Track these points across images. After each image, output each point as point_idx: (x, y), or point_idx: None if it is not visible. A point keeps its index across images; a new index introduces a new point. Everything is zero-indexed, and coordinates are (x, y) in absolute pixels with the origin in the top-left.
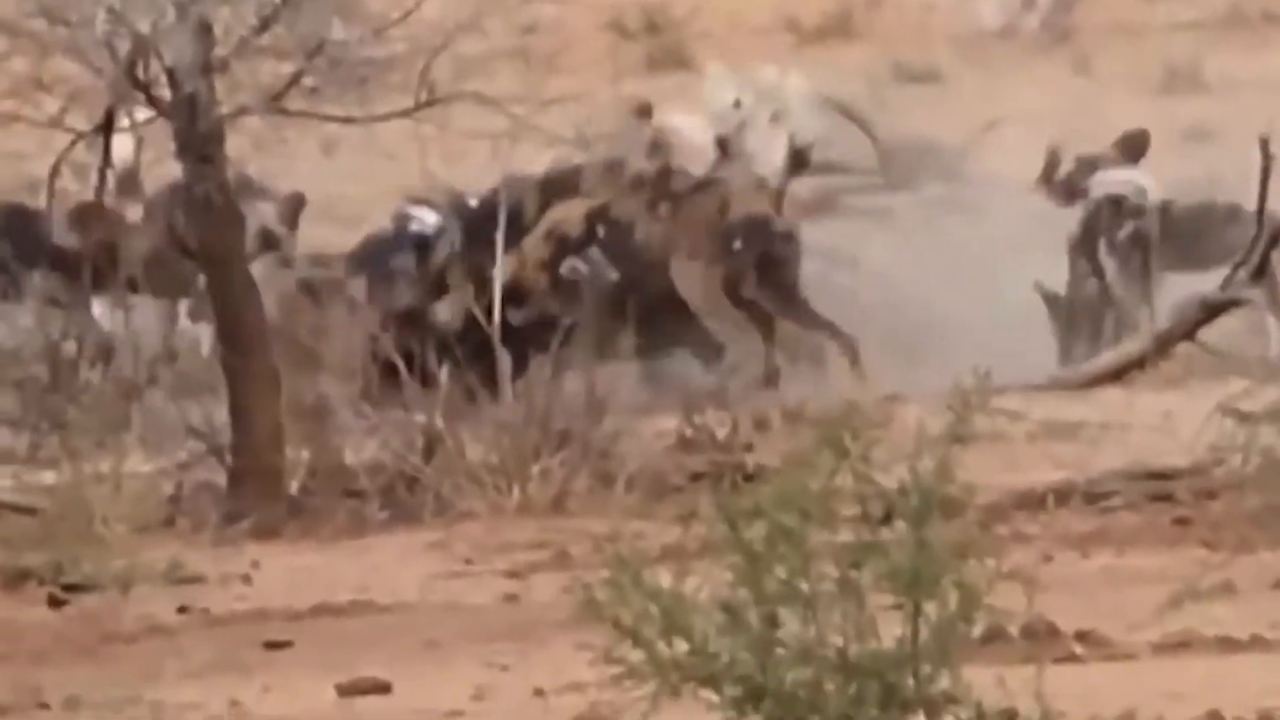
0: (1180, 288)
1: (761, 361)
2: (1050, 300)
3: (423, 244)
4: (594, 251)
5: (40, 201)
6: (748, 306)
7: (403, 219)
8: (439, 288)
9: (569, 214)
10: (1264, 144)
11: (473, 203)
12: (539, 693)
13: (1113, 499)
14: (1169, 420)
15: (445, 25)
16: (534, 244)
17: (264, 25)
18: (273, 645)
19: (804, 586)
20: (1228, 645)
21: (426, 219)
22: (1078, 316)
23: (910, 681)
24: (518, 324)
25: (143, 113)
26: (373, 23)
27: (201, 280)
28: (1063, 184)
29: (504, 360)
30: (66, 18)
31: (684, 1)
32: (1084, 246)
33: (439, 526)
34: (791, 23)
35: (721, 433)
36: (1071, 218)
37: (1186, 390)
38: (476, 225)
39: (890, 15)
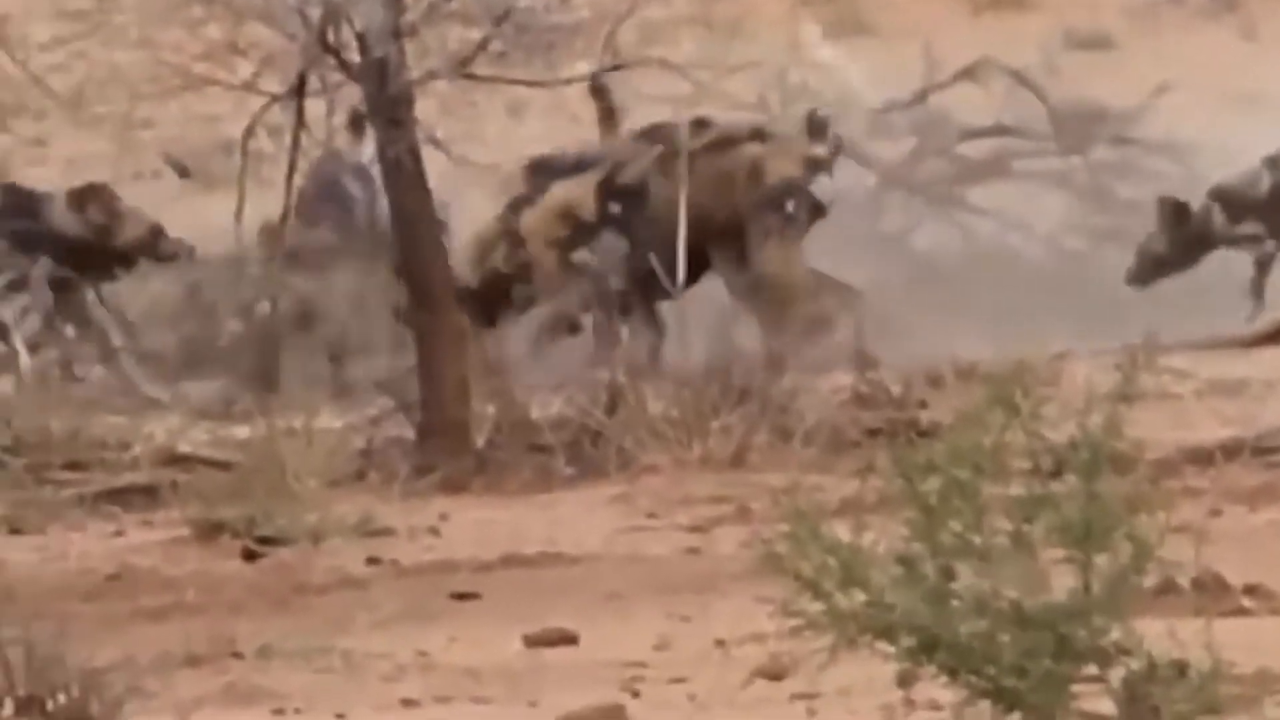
0: None
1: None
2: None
3: None
4: (607, 237)
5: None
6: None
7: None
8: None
9: (581, 192)
10: None
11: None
12: (720, 644)
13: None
14: None
15: None
16: (544, 219)
17: None
18: (460, 596)
19: (978, 540)
20: None
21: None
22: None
23: (1083, 633)
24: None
25: (334, 77)
26: None
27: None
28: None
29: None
30: None
31: None
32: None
33: (622, 480)
34: None
35: (896, 389)
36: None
37: None
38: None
39: None
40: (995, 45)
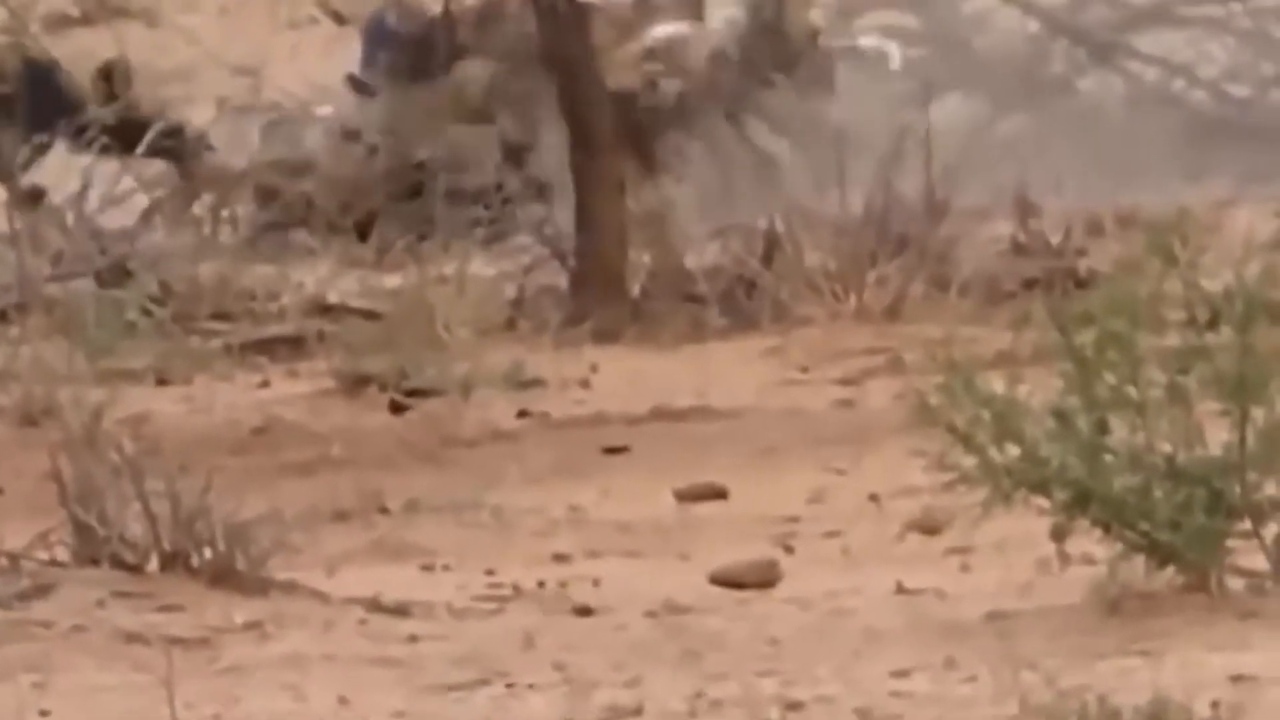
0: None
1: None
2: None
3: None
4: None
5: None
6: None
7: None
8: None
9: None
10: None
11: None
12: (873, 498)
13: None
14: None
15: None
16: None
17: None
18: (611, 450)
19: (1133, 392)
20: None
21: None
22: None
23: (1237, 488)
24: None
25: None
26: None
27: None
28: None
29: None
30: None
31: None
32: None
33: (776, 333)
34: None
35: (1056, 239)
36: None
37: None
38: None
39: None
40: None
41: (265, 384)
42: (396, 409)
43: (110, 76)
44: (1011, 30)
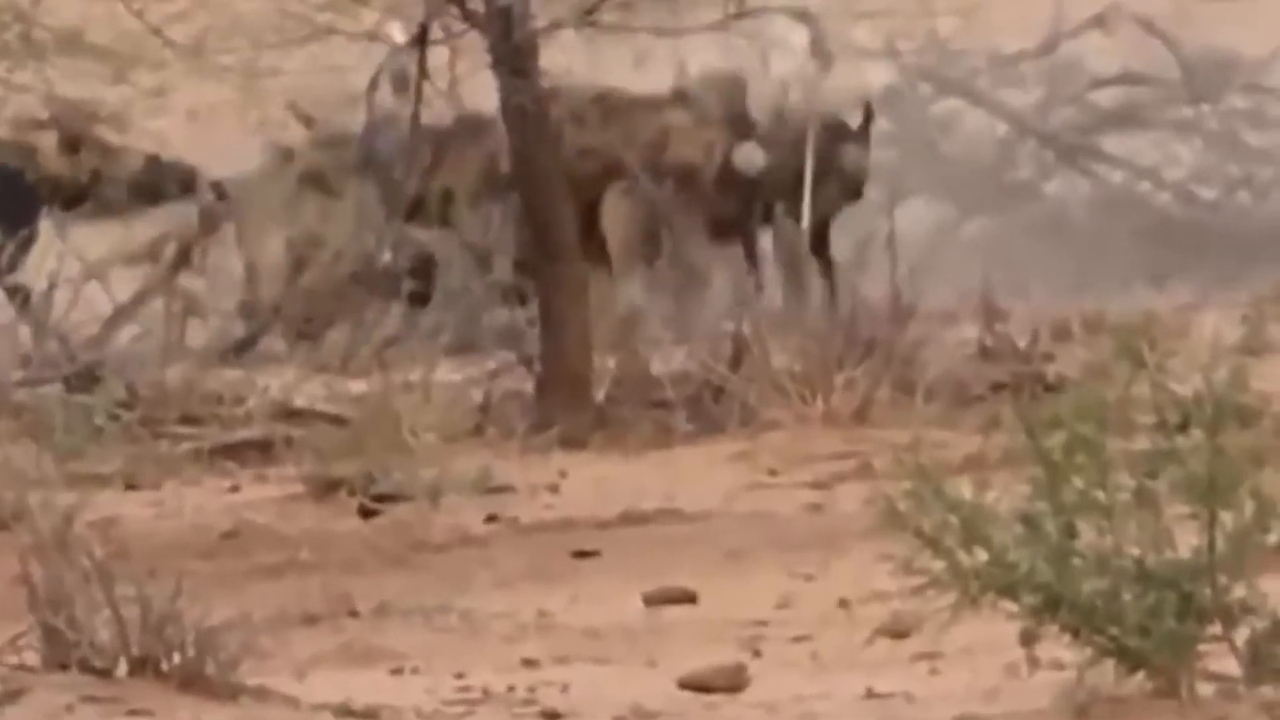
0: None
1: None
2: None
3: None
4: None
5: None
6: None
7: None
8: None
9: None
10: None
11: None
12: (842, 602)
13: None
14: None
15: None
16: None
17: None
18: (580, 554)
19: (1101, 496)
20: None
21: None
22: None
23: (1207, 591)
24: None
25: (457, 26)
26: None
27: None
28: None
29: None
30: None
31: None
32: None
33: (744, 437)
34: None
35: (1022, 342)
36: None
37: None
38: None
39: None
40: None
41: (234, 488)
42: (365, 513)
43: (77, 146)
44: (979, 133)
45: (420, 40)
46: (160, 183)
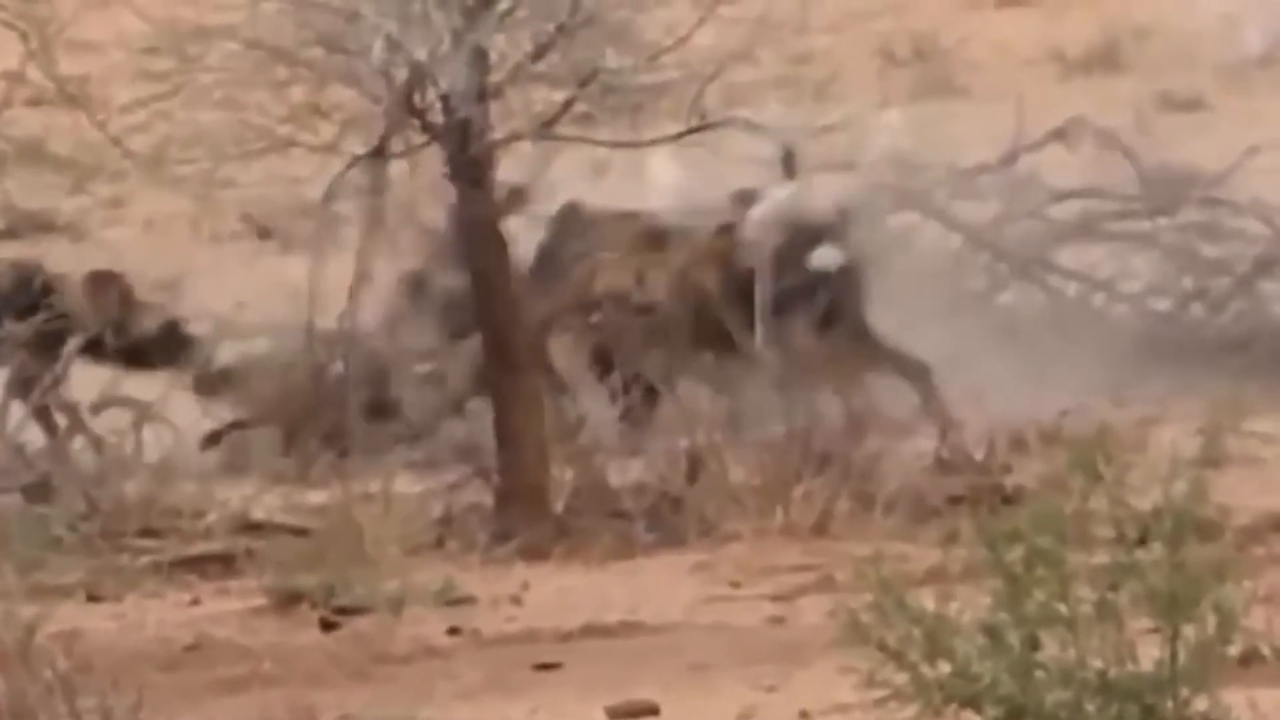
0: None
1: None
2: None
3: None
4: None
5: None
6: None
7: None
8: None
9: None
10: None
11: None
12: (804, 715)
13: None
14: None
15: (717, 54)
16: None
17: (539, 53)
18: (543, 667)
19: (1063, 609)
20: None
21: None
22: None
23: (1169, 704)
24: None
25: (417, 138)
26: (646, 50)
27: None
28: None
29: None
30: (344, 46)
31: (952, 31)
32: None
33: (704, 548)
34: (1057, 53)
35: (979, 454)
36: None
37: None
38: None
39: (1158, 45)
40: (1086, 107)
41: (196, 601)
42: (327, 626)
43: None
44: (933, 246)
45: (380, 153)
46: (174, 348)
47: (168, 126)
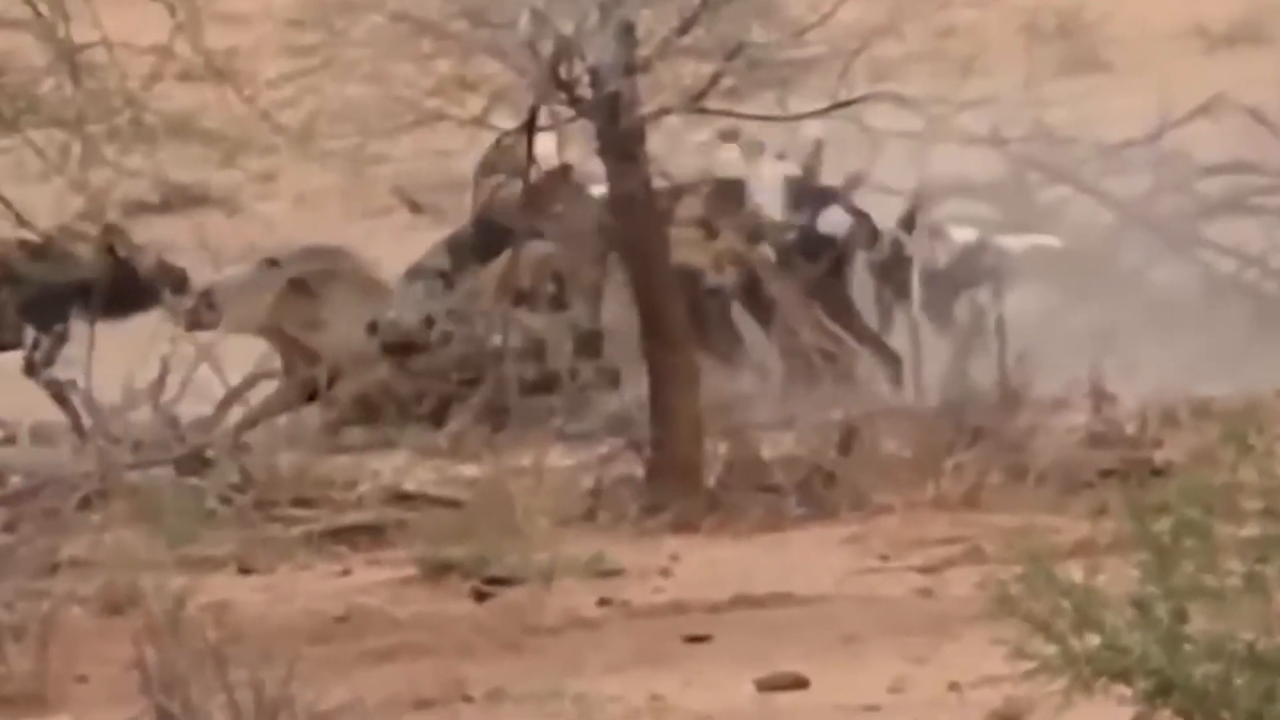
0: None
1: None
2: None
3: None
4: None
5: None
6: None
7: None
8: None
9: None
10: None
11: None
12: (954, 686)
13: None
14: None
15: (862, 28)
16: None
17: (685, 27)
18: (692, 639)
19: (1212, 581)
20: None
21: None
22: None
23: None
24: None
25: (565, 112)
26: (791, 26)
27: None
28: None
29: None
30: (490, 20)
31: (1097, 6)
32: None
33: (854, 521)
34: (1200, 27)
35: (1131, 428)
36: None
37: None
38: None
39: None
40: (1229, 81)
41: (347, 572)
42: (478, 597)
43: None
44: (1086, 220)
45: (529, 127)
46: (158, 286)
47: (316, 100)
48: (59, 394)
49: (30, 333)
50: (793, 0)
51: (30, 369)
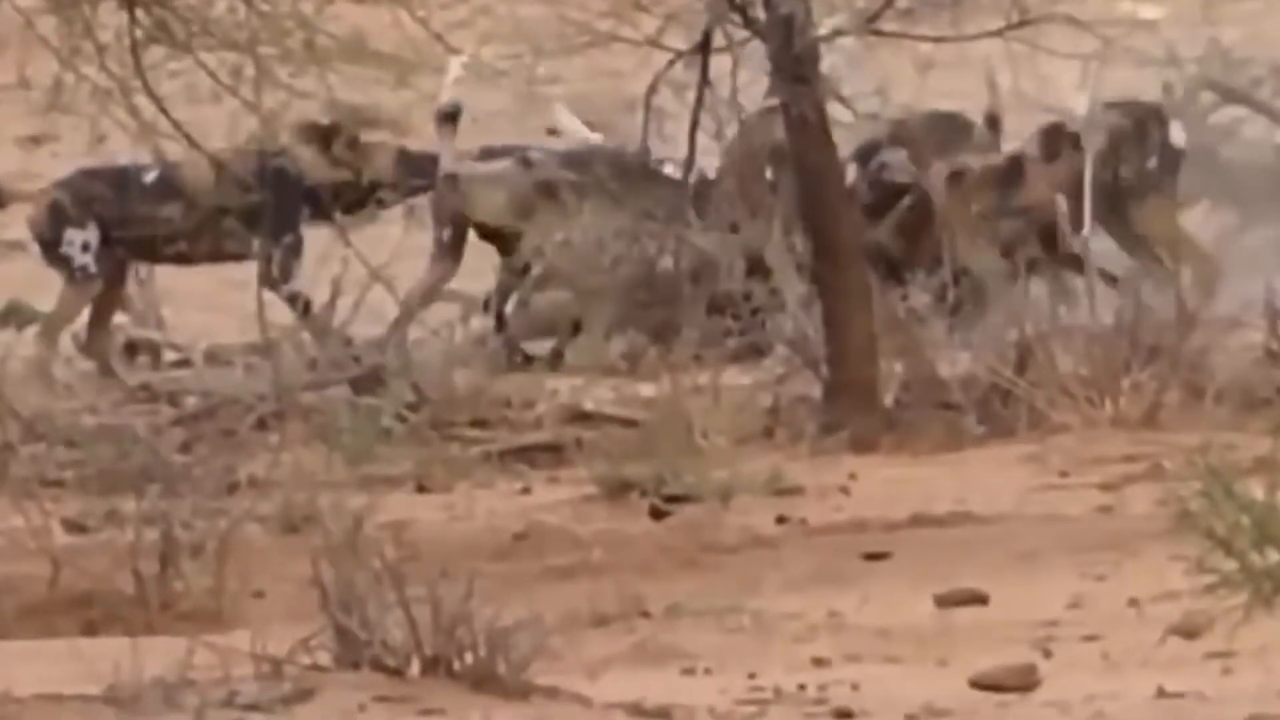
0: None
1: None
2: None
3: None
4: None
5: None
6: None
7: None
8: None
9: None
10: None
11: None
12: (1133, 602)
13: None
14: None
15: None
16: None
17: None
18: (871, 556)
19: None
20: None
21: None
22: None
23: None
24: None
25: (739, 33)
26: None
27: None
28: None
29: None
30: None
31: None
32: None
33: (1033, 439)
34: None
35: None
36: None
37: None
38: None
39: None
40: None
41: (526, 490)
42: (657, 515)
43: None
44: (1260, 140)
45: (702, 48)
46: (408, 176)
47: (488, 22)
48: (305, 307)
49: (257, 244)
50: None
51: (268, 282)
